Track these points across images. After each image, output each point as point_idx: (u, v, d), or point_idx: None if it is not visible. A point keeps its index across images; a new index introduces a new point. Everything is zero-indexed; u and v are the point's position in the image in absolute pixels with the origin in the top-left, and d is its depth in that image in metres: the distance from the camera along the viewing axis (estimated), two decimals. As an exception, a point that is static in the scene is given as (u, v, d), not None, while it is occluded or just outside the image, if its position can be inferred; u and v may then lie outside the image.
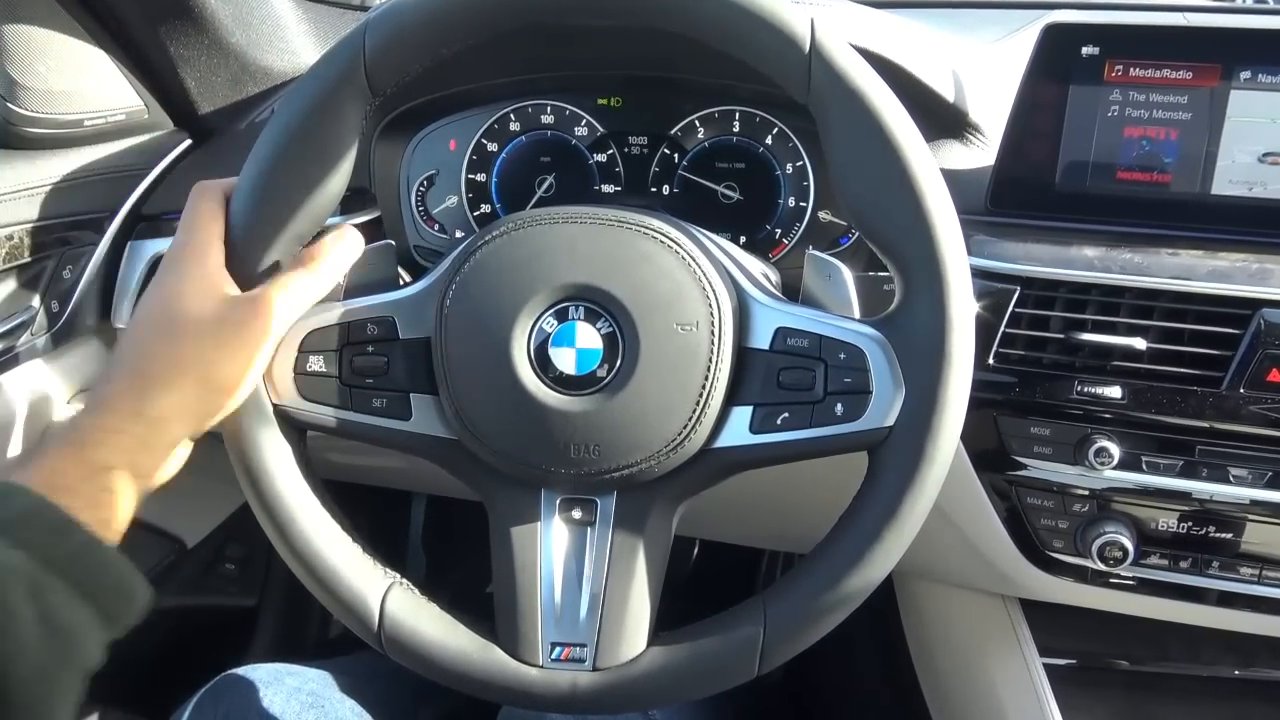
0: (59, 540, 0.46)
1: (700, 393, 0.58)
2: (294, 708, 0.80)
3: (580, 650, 0.59)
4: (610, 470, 0.58)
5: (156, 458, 0.54)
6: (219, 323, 0.56)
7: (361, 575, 0.61)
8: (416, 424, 0.62)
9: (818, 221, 0.86)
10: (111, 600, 0.48)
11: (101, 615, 0.48)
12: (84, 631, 0.47)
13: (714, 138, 0.86)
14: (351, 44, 0.58)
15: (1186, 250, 0.72)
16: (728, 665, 0.58)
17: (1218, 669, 0.88)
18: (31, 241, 0.77)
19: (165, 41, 0.83)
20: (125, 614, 0.50)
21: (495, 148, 0.89)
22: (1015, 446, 0.76)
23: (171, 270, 0.57)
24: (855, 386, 0.57)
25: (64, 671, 0.45)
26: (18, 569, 0.44)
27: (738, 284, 0.61)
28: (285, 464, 0.61)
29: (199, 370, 0.55)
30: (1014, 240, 0.74)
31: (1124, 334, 0.71)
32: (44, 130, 0.79)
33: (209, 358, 0.55)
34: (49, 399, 0.83)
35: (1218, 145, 0.72)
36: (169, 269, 0.58)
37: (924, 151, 0.56)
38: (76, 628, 0.46)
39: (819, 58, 0.56)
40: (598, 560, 0.60)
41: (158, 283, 0.57)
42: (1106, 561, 0.75)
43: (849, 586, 0.57)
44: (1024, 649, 0.89)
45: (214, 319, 0.56)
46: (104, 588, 0.48)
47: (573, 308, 0.59)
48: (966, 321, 0.56)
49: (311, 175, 0.59)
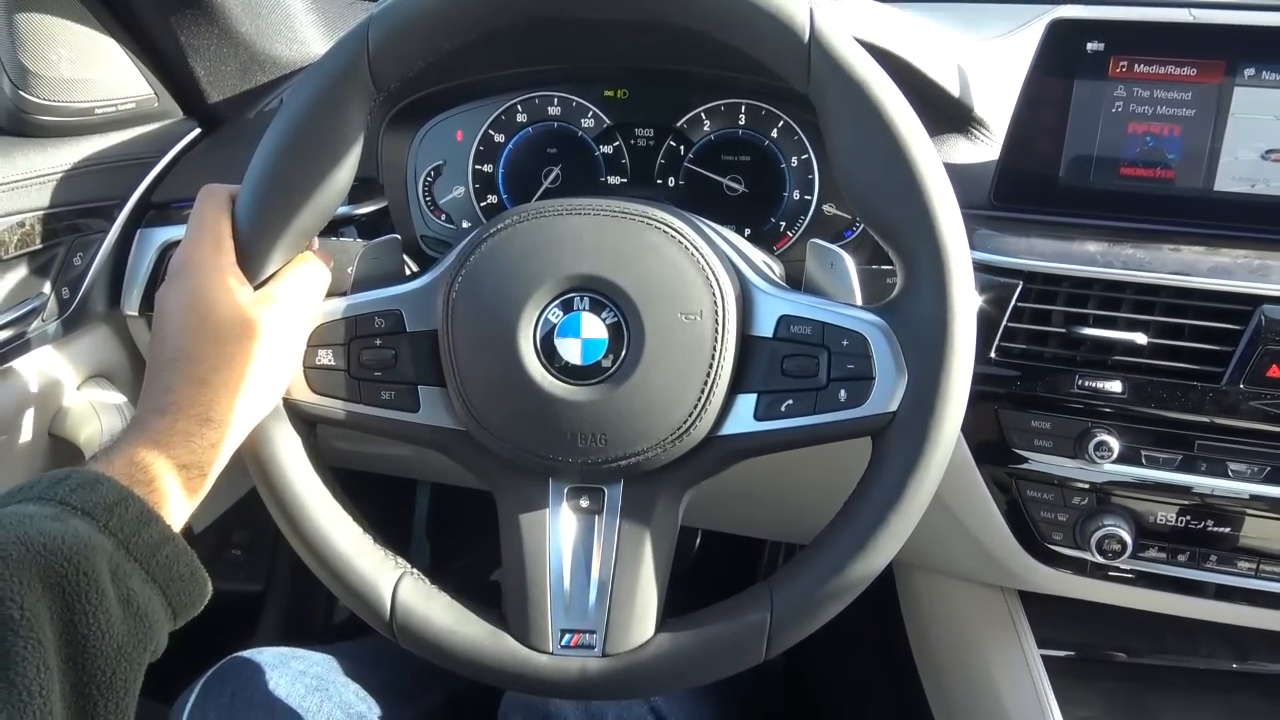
0: (141, 530, 0.48)
1: (705, 381, 0.58)
2: (299, 691, 0.81)
3: (589, 637, 0.60)
4: (617, 459, 0.59)
5: (222, 458, 0.56)
6: (249, 324, 0.57)
7: (373, 565, 0.62)
8: (425, 416, 0.62)
9: (822, 215, 0.87)
10: (180, 591, 0.50)
11: (170, 605, 0.50)
12: (156, 618, 0.48)
13: (720, 130, 0.87)
14: (356, 39, 0.59)
15: (1188, 246, 0.73)
16: (735, 650, 0.59)
17: (1215, 662, 0.89)
18: (43, 228, 0.78)
19: (175, 30, 0.84)
20: (190, 605, 0.52)
21: (502, 139, 0.89)
22: (1016, 439, 0.76)
23: (191, 272, 0.58)
24: (858, 373, 0.58)
25: (140, 653, 0.47)
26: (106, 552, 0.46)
27: (741, 273, 0.61)
28: (296, 456, 0.62)
29: (249, 370, 0.56)
30: (1017, 234, 0.75)
31: (1125, 329, 0.72)
32: (55, 118, 0.80)
33: (254, 356, 0.57)
34: (60, 384, 0.84)
35: (1221, 142, 0.72)
36: (187, 271, 0.58)
37: (924, 138, 0.57)
38: (151, 614, 0.48)
39: (818, 46, 0.56)
40: (605, 548, 0.61)
41: (179, 285, 0.58)
42: (1105, 554, 0.75)
43: (854, 571, 0.57)
44: (1022, 640, 0.90)
45: (245, 321, 0.57)
46: (175, 579, 0.49)
47: (578, 298, 0.60)
48: (968, 306, 0.56)
49: (317, 170, 0.60)
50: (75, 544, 0.44)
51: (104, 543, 0.46)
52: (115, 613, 0.45)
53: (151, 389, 0.55)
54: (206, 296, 0.57)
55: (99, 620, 0.44)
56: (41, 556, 0.43)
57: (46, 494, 0.47)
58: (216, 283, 0.57)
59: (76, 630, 0.44)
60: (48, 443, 0.84)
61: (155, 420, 0.53)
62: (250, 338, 0.57)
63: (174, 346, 0.56)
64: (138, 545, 0.48)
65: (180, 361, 0.55)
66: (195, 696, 0.80)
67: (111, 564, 0.46)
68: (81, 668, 0.44)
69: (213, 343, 0.56)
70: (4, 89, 0.78)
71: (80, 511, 0.46)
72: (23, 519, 0.45)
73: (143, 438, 0.52)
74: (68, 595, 0.43)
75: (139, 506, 0.49)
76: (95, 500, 0.47)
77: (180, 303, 0.57)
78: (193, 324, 0.56)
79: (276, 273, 0.61)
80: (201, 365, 0.55)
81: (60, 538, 0.44)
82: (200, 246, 0.59)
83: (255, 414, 0.58)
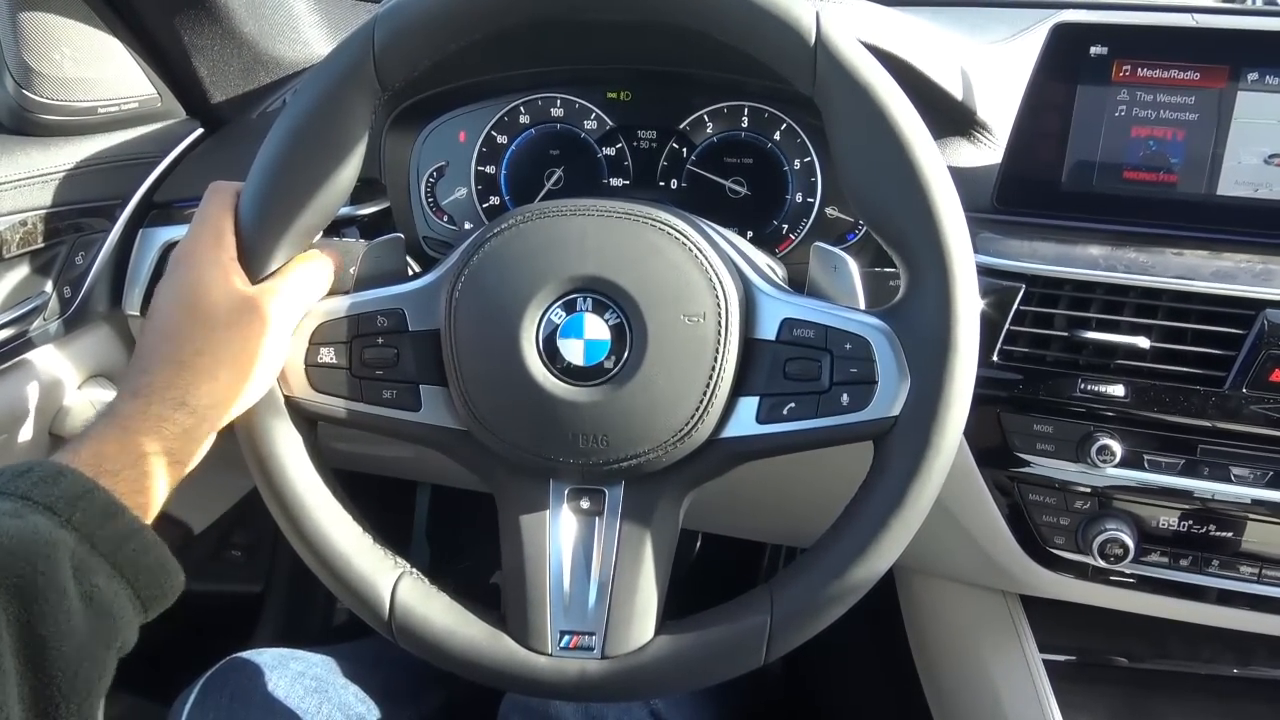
0: (106, 523, 0.47)
1: (707, 383, 0.58)
2: (298, 692, 0.81)
3: (589, 639, 0.60)
4: (618, 460, 0.59)
5: (197, 446, 0.55)
6: (241, 312, 0.57)
7: (372, 565, 0.61)
8: (426, 415, 0.62)
9: (825, 218, 0.87)
10: (149, 584, 0.49)
11: (139, 598, 0.49)
12: (123, 613, 0.48)
13: (723, 132, 0.87)
14: (360, 39, 0.59)
15: (1191, 250, 0.73)
16: (735, 653, 0.59)
17: (1216, 667, 0.89)
18: (45, 227, 0.78)
19: (179, 30, 0.84)
20: (160, 598, 0.51)
21: (505, 140, 0.89)
22: (1018, 443, 0.76)
23: (189, 264, 0.58)
24: (861, 376, 0.58)
25: (103, 651, 0.46)
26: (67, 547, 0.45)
27: (744, 275, 0.61)
28: (296, 454, 0.62)
29: (233, 357, 0.56)
30: (1020, 238, 0.75)
31: (1128, 333, 0.72)
32: (58, 117, 0.80)
33: (239, 346, 0.56)
34: (61, 383, 0.84)
35: (1224, 146, 0.72)
36: (186, 262, 0.58)
37: (929, 141, 0.57)
38: (117, 609, 0.47)
39: (824, 50, 0.56)
40: (606, 550, 0.61)
41: (175, 276, 0.58)
42: (1107, 559, 0.75)
43: (855, 574, 0.57)
44: (1024, 645, 0.90)
45: (237, 309, 0.57)
46: (143, 572, 0.49)
47: (581, 299, 0.60)
48: (972, 310, 0.56)
49: (320, 170, 0.60)
50: (34, 542, 0.43)
51: (66, 538, 0.45)
52: (77, 611, 0.44)
53: (129, 372, 0.55)
54: (199, 285, 0.56)
55: (59, 620, 0.43)
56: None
57: (7, 488, 0.46)
58: (212, 273, 0.57)
59: (34, 631, 0.43)
60: (48, 442, 0.84)
61: (127, 404, 0.53)
62: (239, 325, 0.56)
63: (158, 330, 0.56)
64: (102, 539, 0.47)
65: (161, 344, 0.55)
66: (194, 697, 0.80)
67: (74, 560, 0.45)
68: (41, 669, 0.43)
69: (200, 326, 0.55)
70: (7, 88, 0.78)
71: (41, 506, 0.45)
72: None
73: (112, 425, 0.51)
74: (25, 596, 0.43)
75: (104, 498, 0.48)
76: (57, 494, 0.46)
77: (173, 291, 0.57)
78: (181, 310, 0.56)
79: (279, 269, 0.61)
80: (183, 348, 0.55)
81: (17, 536, 0.43)
82: (200, 240, 0.59)
83: (235, 404, 0.57)
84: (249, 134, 0.89)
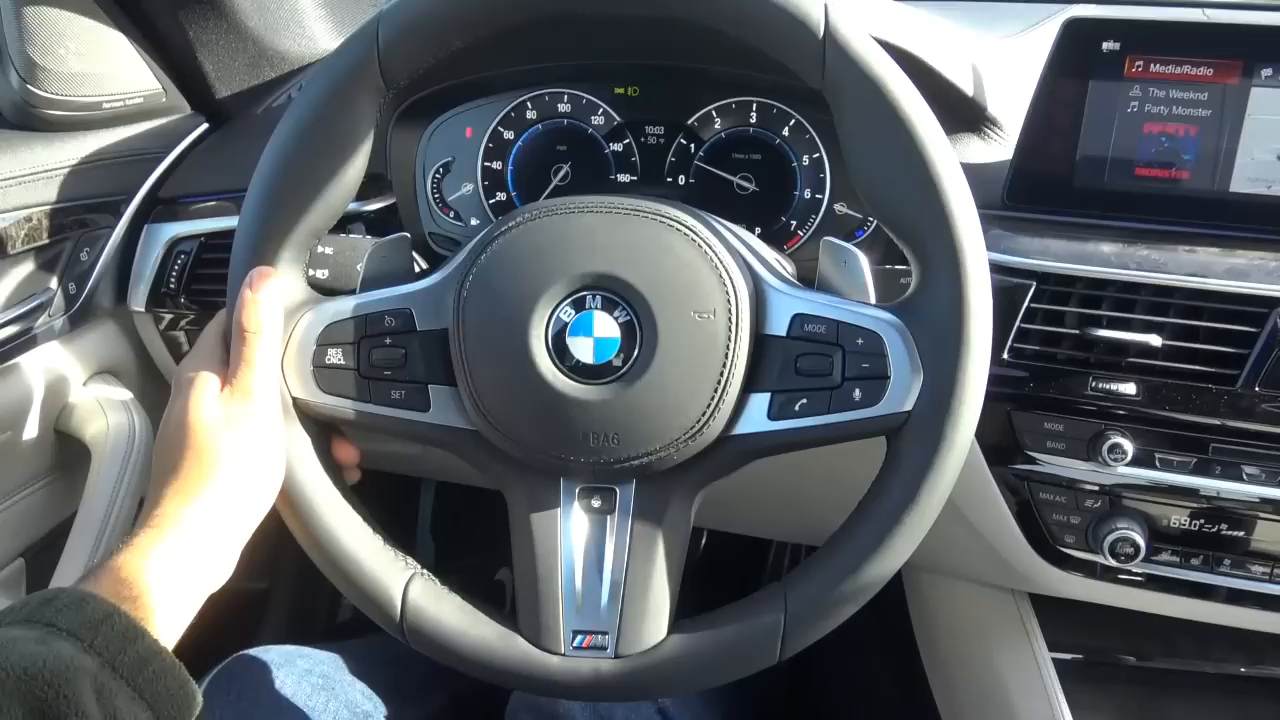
0: (127, 646, 0.48)
1: (718, 380, 0.58)
2: (305, 690, 0.81)
3: (602, 638, 0.60)
4: (629, 458, 0.59)
5: (212, 571, 0.57)
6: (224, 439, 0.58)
7: (383, 566, 0.61)
8: (435, 415, 0.62)
9: (833, 214, 0.86)
10: (168, 706, 0.50)
11: None
12: None
13: (731, 128, 0.86)
14: (366, 35, 0.59)
15: (1204, 247, 0.72)
16: (749, 651, 0.59)
17: (1226, 666, 0.88)
18: (50, 223, 0.78)
19: (184, 25, 0.83)
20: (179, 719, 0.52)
21: (511, 136, 0.89)
22: (1028, 441, 0.76)
23: (181, 389, 0.60)
24: (873, 372, 0.57)
25: None
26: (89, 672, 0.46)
27: (754, 271, 0.61)
28: (306, 455, 0.62)
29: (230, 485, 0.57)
30: (1030, 235, 0.74)
31: (1139, 330, 0.71)
32: (63, 113, 0.80)
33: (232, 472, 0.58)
34: (66, 380, 0.83)
35: (1237, 142, 0.72)
36: (178, 388, 0.60)
37: (940, 135, 0.56)
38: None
39: (833, 42, 0.56)
40: (618, 548, 0.61)
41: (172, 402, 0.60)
42: (1118, 557, 0.75)
43: (870, 572, 0.57)
44: (1033, 644, 0.90)
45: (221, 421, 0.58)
46: (163, 694, 0.49)
47: (590, 297, 0.59)
48: (985, 304, 0.56)
49: (327, 167, 0.59)
50: (57, 666, 0.45)
51: (88, 663, 0.46)
52: None
53: (148, 502, 0.57)
54: (188, 414, 0.58)
55: None
56: (22, 681, 0.43)
57: (34, 616, 0.48)
58: (197, 402, 0.59)
59: None
60: (54, 439, 0.84)
61: (144, 535, 0.55)
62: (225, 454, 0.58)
63: (163, 463, 0.58)
64: (123, 662, 0.48)
65: (169, 475, 0.57)
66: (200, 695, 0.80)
67: (96, 684, 0.46)
68: None
69: (194, 459, 0.57)
70: (12, 83, 0.78)
71: (65, 632, 0.47)
72: (5, 643, 0.45)
73: (132, 554, 0.53)
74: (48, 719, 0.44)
75: (125, 622, 0.49)
76: (80, 620, 0.48)
77: (172, 418, 0.59)
78: (178, 440, 0.58)
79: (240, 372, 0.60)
80: (189, 476, 0.57)
81: (42, 660, 0.44)
82: (193, 363, 0.61)
83: (243, 526, 0.59)
84: (254, 129, 0.89)
